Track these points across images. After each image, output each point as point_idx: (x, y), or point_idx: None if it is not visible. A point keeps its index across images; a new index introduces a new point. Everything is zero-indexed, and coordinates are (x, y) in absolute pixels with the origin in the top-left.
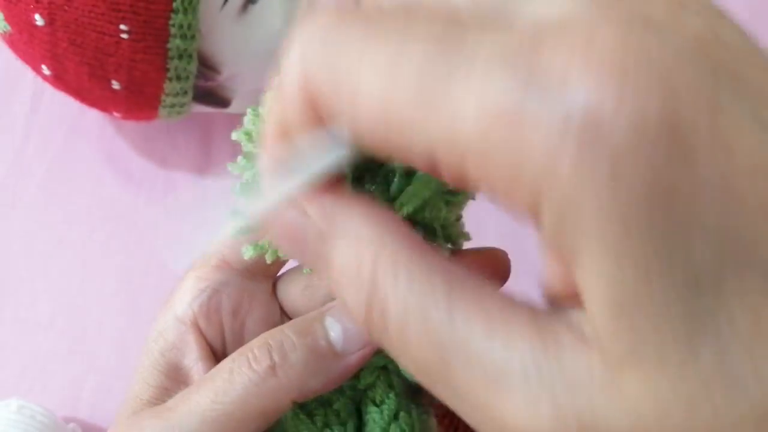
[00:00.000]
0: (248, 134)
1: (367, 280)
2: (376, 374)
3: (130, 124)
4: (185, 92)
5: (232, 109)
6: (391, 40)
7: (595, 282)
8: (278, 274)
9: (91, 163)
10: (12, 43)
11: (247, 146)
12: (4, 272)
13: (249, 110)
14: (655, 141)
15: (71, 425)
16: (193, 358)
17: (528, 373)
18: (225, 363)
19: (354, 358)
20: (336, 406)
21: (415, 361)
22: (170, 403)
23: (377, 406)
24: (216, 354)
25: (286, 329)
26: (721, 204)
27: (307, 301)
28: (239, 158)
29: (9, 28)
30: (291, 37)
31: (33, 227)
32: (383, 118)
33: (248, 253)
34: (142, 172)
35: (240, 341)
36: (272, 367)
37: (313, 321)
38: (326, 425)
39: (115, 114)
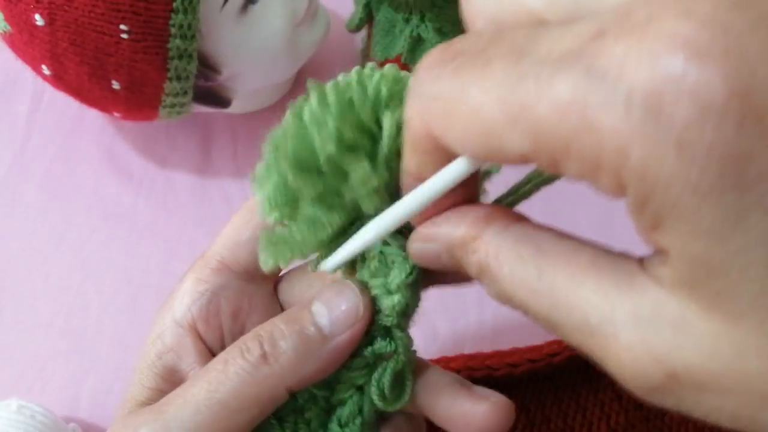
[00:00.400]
0: (276, 147)
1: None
2: (351, 393)
3: (130, 124)
4: (185, 92)
5: (232, 109)
6: (477, 65)
7: (679, 243)
8: (280, 275)
9: (91, 162)
10: (12, 43)
11: (270, 155)
12: (4, 272)
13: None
14: (724, 109)
15: (71, 425)
16: (190, 362)
17: (621, 318)
18: (220, 356)
19: (343, 339)
20: (308, 415)
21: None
22: (165, 399)
23: (341, 427)
24: (215, 356)
25: (276, 320)
26: None
27: (310, 298)
28: (260, 168)
29: (9, 28)
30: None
31: (33, 227)
32: (481, 131)
33: (267, 264)
34: (142, 171)
35: None
36: (264, 356)
37: (301, 309)
38: (296, 429)
39: (115, 114)
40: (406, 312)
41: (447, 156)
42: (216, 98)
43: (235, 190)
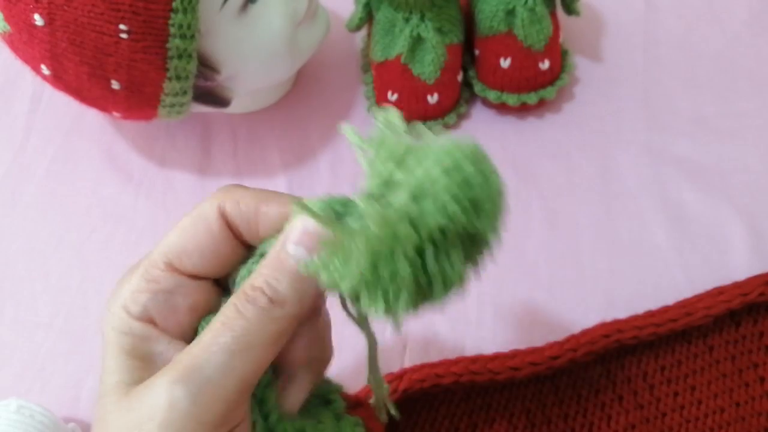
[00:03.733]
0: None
1: None
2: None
3: (130, 124)
4: (185, 92)
5: (231, 108)
6: None
7: None
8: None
9: (91, 162)
10: (11, 42)
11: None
12: (4, 272)
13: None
14: None
15: (71, 425)
16: (165, 343)
17: None
18: (226, 308)
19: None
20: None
21: None
22: (181, 357)
23: (262, 388)
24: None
25: (263, 270)
26: None
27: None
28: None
29: (8, 27)
30: None
31: (32, 227)
32: None
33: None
34: (142, 171)
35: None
36: (271, 301)
37: (278, 254)
38: None
39: (115, 114)
40: None
41: None
42: (215, 98)
43: None
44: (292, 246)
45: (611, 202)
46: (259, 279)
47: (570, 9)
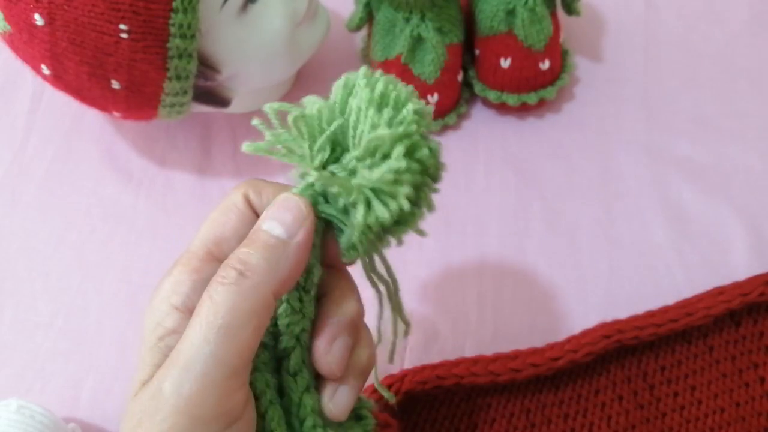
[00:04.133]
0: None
1: None
2: (294, 342)
3: (130, 124)
4: (185, 92)
5: (231, 108)
6: None
7: None
8: None
9: (91, 162)
10: (12, 42)
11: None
12: (4, 272)
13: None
14: None
15: (71, 425)
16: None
17: None
18: (203, 295)
19: (301, 237)
20: (262, 357)
21: None
22: (172, 353)
23: (292, 376)
24: None
25: (237, 249)
26: None
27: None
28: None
29: (9, 27)
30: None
31: (32, 227)
32: None
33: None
34: (142, 171)
35: None
36: (241, 273)
37: (253, 233)
38: (256, 368)
39: (115, 113)
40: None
41: None
42: (216, 98)
43: None
44: (266, 222)
45: (611, 202)
46: (231, 258)
47: (570, 9)
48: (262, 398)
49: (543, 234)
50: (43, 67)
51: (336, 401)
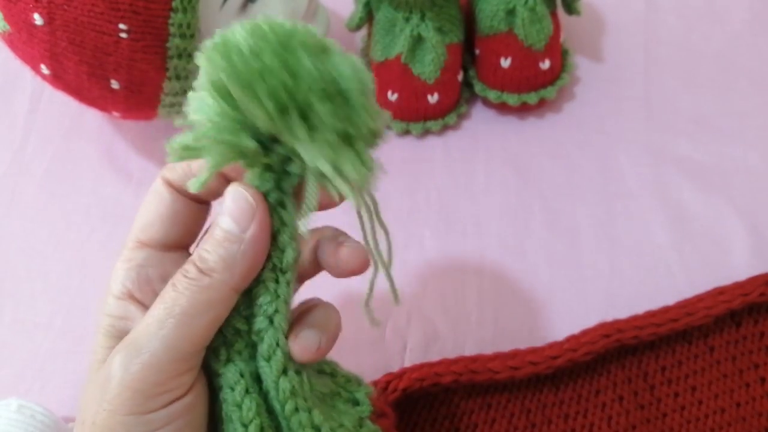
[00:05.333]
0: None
1: None
2: (265, 324)
3: (130, 124)
4: (184, 91)
5: None
6: None
7: None
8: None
9: (91, 162)
10: (11, 42)
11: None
12: (4, 272)
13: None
14: None
15: (71, 424)
16: (140, 320)
17: None
18: (167, 285)
19: (253, 231)
20: (236, 347)
21: None
22: (126, 336)
23: (267, 361)
24: None
25: (200, 246)
26: None
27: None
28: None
29: (8, 27)
30: None
31: (32, 227)
32: None
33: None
34: (142, 171)
35: None
36: (200, 271)
37: (212, 227)
38: (229, 359)
39: (115, 113)
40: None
41: None
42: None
43: None
44: (220, 216)
45: (612, 201)
46: (195, 253)
47: (571, 8)
48: (237, 388)
49: (543, 234)
50: (43, 66)
51: (299, 341)
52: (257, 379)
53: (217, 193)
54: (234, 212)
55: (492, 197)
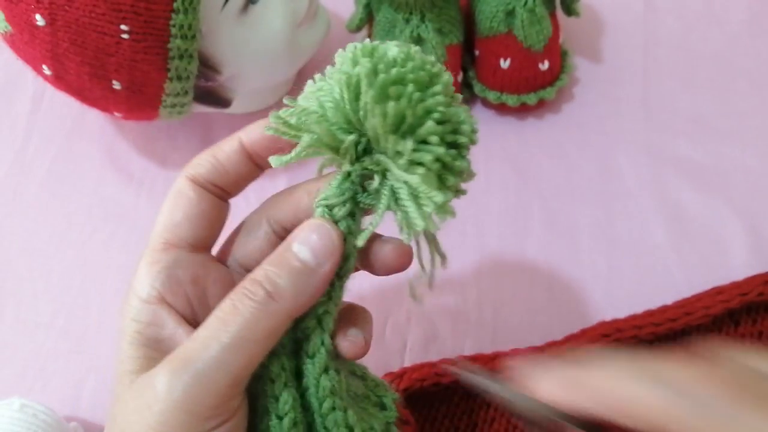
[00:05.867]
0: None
1: None
2: (315, 323)
3: (131, 124)
4: (186, 92)
5: (232, 109)
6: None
7: None
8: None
9: (92, 162)
10: (13, 43)
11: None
12: (5, 272)
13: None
14: None
15: (72, 424)
16: (171, 327)
17: None
18: (224, 303)
19: (327, 268)
20: (283, 340)
21: None
22: (177, 350)
23: (310, 357)
24: (188, 322)
25: (265, 265)
26: None
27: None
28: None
29: (10, 28)
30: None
31: (34, 227)
32: None
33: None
34: (143, 171)
35: (206, 305)
36: (269, 294)
37: (283, 252)
38: (273, 352)
39: (116, 114)
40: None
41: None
42: (216, 98)
43: None
44: (296, 245)
45: (611, 202)
46: (260, 273)
47: (570, 10)
48: (277, 381)
49: (543, 234)
50: (45, 67)
51: (348, 338)
52: (296, 375)
53: (241, 190)
54: (316, 246)
55: (491, 197)
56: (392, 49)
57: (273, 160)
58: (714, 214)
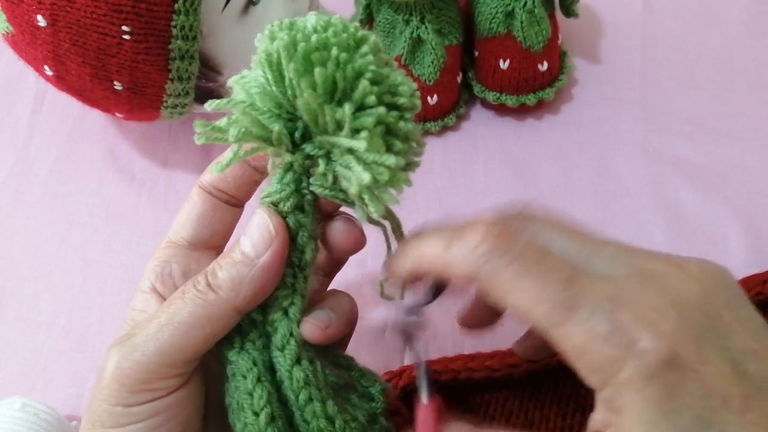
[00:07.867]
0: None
1: None
2: (279, 315)
3: (132, 125)
4: (187, 93)
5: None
6: (537, 274)
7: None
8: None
9: (94, 163)
10: (14, 43)
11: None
12: (7, 271)
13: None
14: (665, 364)
15: (74, 423)
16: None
17: None
18: (177, 291)
19: (266, 259)
20: (251, 336)
21: None
22: (131, 329)
23: (280, 350)
24: None
25: (218, 257)
26: (700, 395)
27: None
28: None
29: (11, 28)
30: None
31: (35, 227)
32: (528, 306)
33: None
34: (144, 172)
35: None
36: (209, 285)
37: (234, 245)
38: (242, 348)
39: (117, 114)
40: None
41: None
42: (217, 99)
43: None
44: (242, 237)
45: (609, 202)
46: (210, 266)
47: (569, 11)
48: (249, 377)
49: None
50: (46, 68)
51: (309, 318)
52: (270, 369)
53: (248, 194)
54: (254, 237)
55: (491, 197)
56: (311, 18)
57: (213, 167)
58: (712, 214)
